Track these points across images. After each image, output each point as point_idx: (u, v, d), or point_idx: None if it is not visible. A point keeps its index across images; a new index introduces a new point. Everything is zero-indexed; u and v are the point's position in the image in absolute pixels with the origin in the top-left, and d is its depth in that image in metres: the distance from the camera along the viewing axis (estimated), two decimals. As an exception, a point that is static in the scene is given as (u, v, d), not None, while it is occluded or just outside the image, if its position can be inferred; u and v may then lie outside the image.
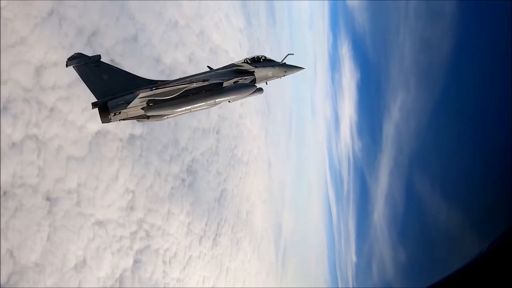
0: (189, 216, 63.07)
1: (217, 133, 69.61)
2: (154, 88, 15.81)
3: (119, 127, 47.26)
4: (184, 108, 16.34)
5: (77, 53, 16.24)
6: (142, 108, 15.98)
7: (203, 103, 16.68)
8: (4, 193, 32.12)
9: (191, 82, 16.40)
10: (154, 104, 15.96)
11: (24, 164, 33.28)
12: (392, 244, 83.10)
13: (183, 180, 62.70)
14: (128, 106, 15.29)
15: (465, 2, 45.82)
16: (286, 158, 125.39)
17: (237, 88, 17.71)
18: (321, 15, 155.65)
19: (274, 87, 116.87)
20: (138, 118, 16.36)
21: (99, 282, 44.20)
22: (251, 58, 19.50)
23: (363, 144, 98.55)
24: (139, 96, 15.29)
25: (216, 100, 16.92)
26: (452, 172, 54.62)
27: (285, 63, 19.91)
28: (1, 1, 29.54)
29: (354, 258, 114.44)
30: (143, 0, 48.36)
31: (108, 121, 15.78)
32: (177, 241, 60.18)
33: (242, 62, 19.29)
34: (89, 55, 16.15)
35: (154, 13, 51.59)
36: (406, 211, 73.47)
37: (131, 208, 50.45)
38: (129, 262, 49.99)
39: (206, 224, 69.53)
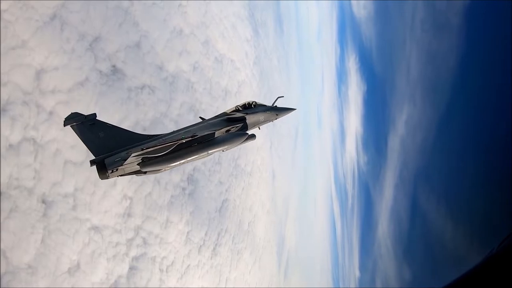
0: (188, 225, 62.75)
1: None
2: (144, 148, 16.25)
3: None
4: (178, 162, 16.83)
5: (74, 113, 17.05)
6: (138, 164, 16.44)
7: (196, 156, 17.13)
8: (0, 194, 32.51)
9: (181, 139, 16.74)
10: (148, 160, 16.43)
11: (21, 166, 33.68)
12: (396, 260, 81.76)
13: (183, 189, 62.61)
14: (124, 163, 15.83)
15: (471, 15, 45.66)
16: (291, 169, 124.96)
17: (229, 138, 17.98)
18: (329, 26, 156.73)
19: (281, 100, 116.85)
20: (136, 173, 16.82)
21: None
22: (242, 105, 19.91)
23: (368, 158, 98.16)
24: (131, 156, 15.82)
25: (209, 152, 17.29)
26: (458, 189, 53.77)
27: (276, 106, 20.19)
28: (2, 4, 30.25)
29: (357, 273, 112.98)
30: (147, 7, 49.17)
31: (106, 178, 16.16)
32: (175, 249, 59.78)
33: (233, 110, 19.70)
34: (85, 114, 16.93)
35: (158, 21, 52.38)
36: (411, 227, 72.41)
37: (128, 214, 50.42)
38: (124, 268, 49.71)
39: (206, 234, 69.05)
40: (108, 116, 45.50)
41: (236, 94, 74.40)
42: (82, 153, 42.09)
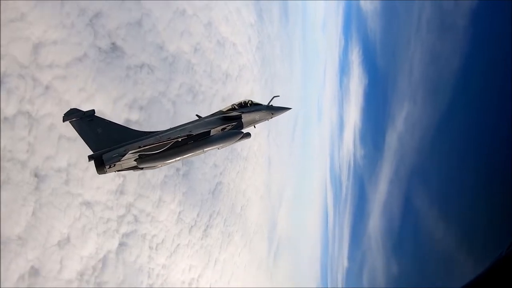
0: (180, 205, 63.53)
1: (217, 125, 69.75)
2: (142, 146, 16.84)
3: (116, 112, 47.95)
4: (174, 160, 17.46)
5: (73, 109, 17.63)
6: (135, 160, 16.98)
7: (192, 154, 17.66)
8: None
9: (177, 137, 17.21)
10: (145, 157, 16.96)
11: (15, 139, 34.15)
12: (385, 254, 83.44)
13: (177, 169, 63.17)
14: (122, 159, 16.36)
15: (477, 18, 45.30)
16: (288, 158, 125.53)
17: (224, 136, 18.49)
18: (335, 17, 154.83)
19: (282, 87, 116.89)
20: (133, 169, 17.31)
21: (82, 261, 44.92)
22: (238, 104, 20.30)
23: (365, 152, 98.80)
24: (129, 153, 16.39)
25: (204, 150, 17.85)
26: (452, 190, 54.45)
27: (271, 105, 20.61)
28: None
29: (346, 263, 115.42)
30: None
31: (104, 172, 16.74)
32: (166, 228, 60.68)
33: (229, 109, 20.04)
34: (84, 111, 17.41)
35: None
36: (402, 223, 73.65)
37: (121, 192, 51.11)
38: (114, 244, 50.69)
39: (198, 215, 69.98)
40: (105, 93, 45.75)
41: (237, 78, 74.22)
42: (77, 128, 42.66)
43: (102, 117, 17.84)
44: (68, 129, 41.08)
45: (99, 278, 47.40)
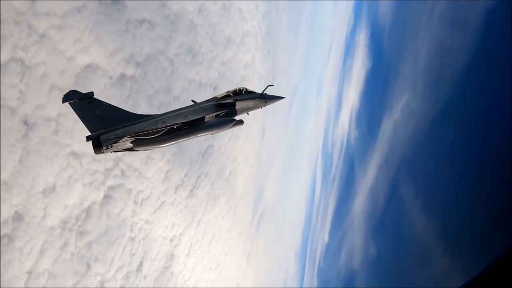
0: (169, 164, 64.63)
1: (214, 89, 69.93)
2: (138, 132, 17.72)
3: (111, 66, 48.09)
4: (168, 144, 18.31)
5: (72, 91, 18.44)
6: (131, 142, 17.89)
7: (186, 138, 18.57)
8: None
9: (173, 124, 18.06)
10: (141, 141, 17.89)
11: (6, 86, 34.64)
12: (365, 236, 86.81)
13: (170, 128, 63.89)
14: (119, 141, 17.27)
15: (491, 19, 44.61)
16: (282, 129, 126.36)
17: (218, 123, 19.33)
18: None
19: (285, 57, 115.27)
20: (128, 150, 18.29)
21: (66, 210, 46.51)
22: (233, 91, 21.08)
23: (359, 134, 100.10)
24: (125, 137, 17.41)
25: (198, 135, 18.80)
26: (438, 185, 56.05)
27: (265, 94, 21.47)
28: None
29: (326, 238, 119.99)
30: None
31: (101, 153, 17.59)
32: (152, 185, 62.11)
33: (224, 96, 20.83)
34: (83, 93, 18.21)
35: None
36: (385, 209, 76.13)
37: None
38: (99, 196, 52.15)
39: (185, 175, 71.33)
40: (101, 46, 45.69)
41: (239, 44, 73.45)
42: (70, 79, 43.06)
43: (101, 99, 18.77)
44: (61, 79, 41.72)
45: (82, 227, 49.27)
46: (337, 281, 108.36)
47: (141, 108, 56.73)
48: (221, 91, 21.17)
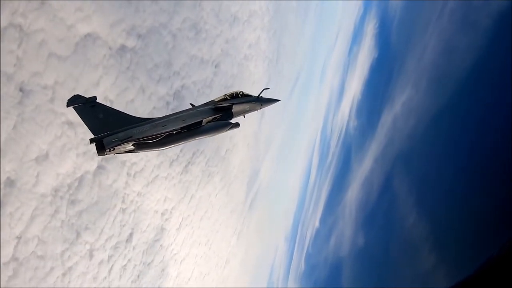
0: (165, 138, 64.97)
1: (215, 66, 69.77)
2: (141, 138, 18.80)
3: (112, 37, 47.96)
4: (167, 147, 19.62)
5: (76, 95, 19.24)
6: (133, 145, 19.05)
7: (184, 142, 19.79)
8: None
9: (172, 131, 19.18)
10: (142, 144, 19.12)
11: (3, 52, 34.76)
12: (355, 225, 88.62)
13: (167, 103, 64.00)
14: (121, 144, 18.38)
15: (502, 22, 44.10)
16: (282, 111, 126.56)
17: (215, 127, 20.64)
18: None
19: (291, 40, 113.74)
20: (130, 152, 19.44)
21: (58, 178, 47.14)
22: (230, 95, 22.22)
23: (358, 124, 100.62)
24: (128, 140, 18.47)
25: (196, 138, 19.99)
26: (432, 183, 56.89)
27: (261, 97, 22.90)
28: None
29: (317, 223, 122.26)
30: None
31: (104, 154, 18.62)
32: (146, 158, 62.61)
33: (221, 99, 21.91)
34: (86, 97, 19.02)
35: None
36: (378, 201, 77.42)
37: (106, 117, 52.31)
38: (93, 166, 52.76)
39: (180, 151, 71.83)
40: (103, 16, 45.47)
41: (245, 23, 72.63)
42: (69, 48, 43.09)
43: (104, 103, 19.77)
44: (60, 48, 41.76)
45: (74, 196, 50.12)
46: (324, 266, 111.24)
47: (140, 80, 56.94)
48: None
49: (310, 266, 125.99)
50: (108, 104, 56.56)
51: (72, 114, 46.45)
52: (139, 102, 57.88)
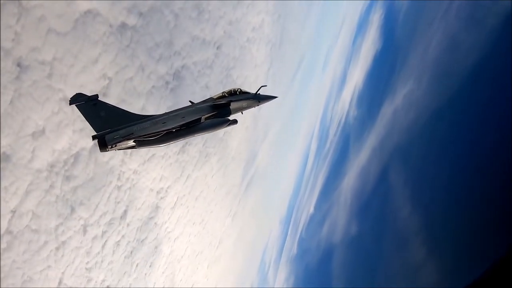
0: (162, 117, 65.16)
1: (217, 48, 69.36)
2: (142, 135, 19.54)
3: (112, 14, 47.64)
4: (167, 143, 20.31)
5: (78, 93, 19.77)
6: (134, 141, 19.74)
7: (183, 139, 20.75)
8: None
9: (171, 129, 19.96)
10: (143, 141, 19.83)
11: (2, 27, 34.73)
12: (350, 214, 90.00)
13: (167, 82, 63.91)
14: (122, 141, 19.09)
15: (508, 21, 43.70)
16: (283, 96, 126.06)
17: (213, 124, 21.46)
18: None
19: (295, 25, 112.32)
20: (131, 148, 20.24)
21: (54, 154, 47.53)
22: (228, 92, 22.92)
23: (358, 114, 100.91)
24: (129, 137, 19.19)
25: (195, 135, 21.06)
26: (428, 177, 57.54)
27: (259, 94, 23.45)
28: None
29: (312, 209, 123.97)
30: None
31: (106, 151, 19.51)
32: (144, 137, 63.14)
33: (220, 97, 22.62)
34: (88, 95, 19.55)
35: None
36: (373, 192, 78.48)
37: (104, 94, 52.17)
38: (89, 143, 52.91)
39: (178, 130, 72.11)
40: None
41: (249, 6, 71.75)
42: (68, 24, 42.91)
43: (105, 101, 20.34)
44: (59, 24, 41.61)
45: (69, 172, 50.66)
46: (316, 251, 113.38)
47: (140, 59, 56.77)
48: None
49: (302, 250, 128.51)
50: (106, 82, 56.87)
51: (69, 91, 47.18)
52: (138, 81, 57.82)
